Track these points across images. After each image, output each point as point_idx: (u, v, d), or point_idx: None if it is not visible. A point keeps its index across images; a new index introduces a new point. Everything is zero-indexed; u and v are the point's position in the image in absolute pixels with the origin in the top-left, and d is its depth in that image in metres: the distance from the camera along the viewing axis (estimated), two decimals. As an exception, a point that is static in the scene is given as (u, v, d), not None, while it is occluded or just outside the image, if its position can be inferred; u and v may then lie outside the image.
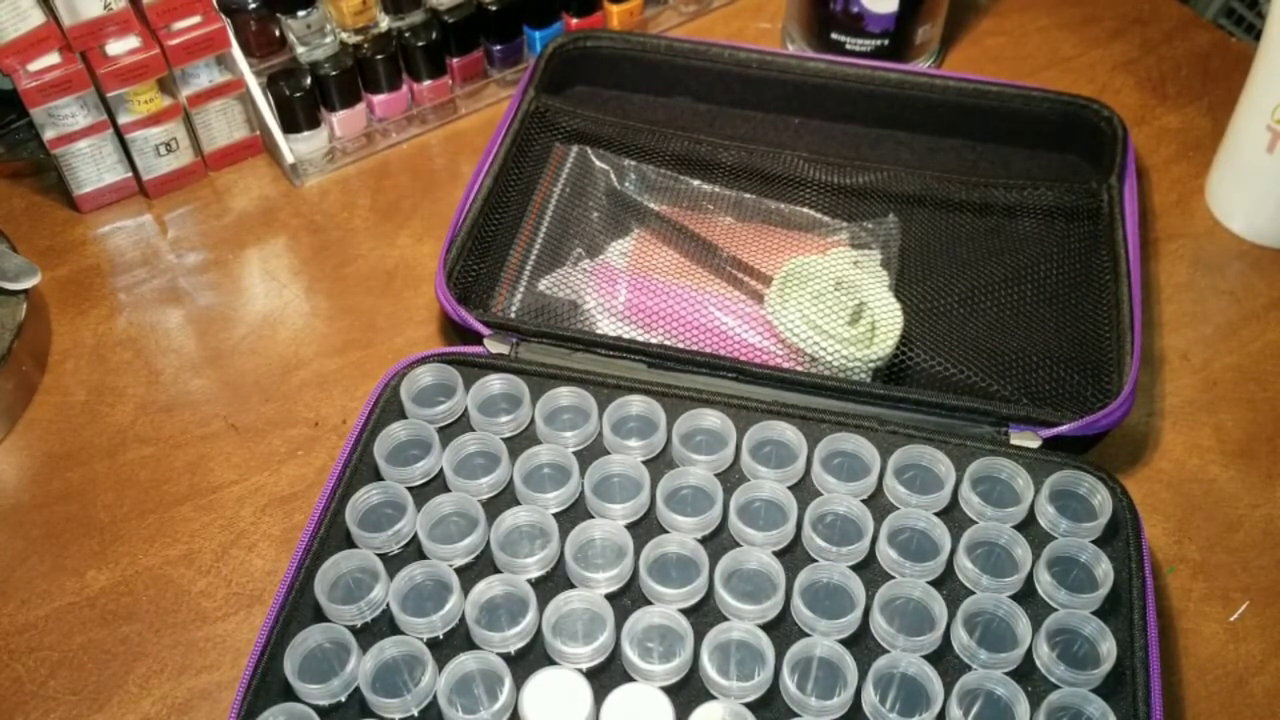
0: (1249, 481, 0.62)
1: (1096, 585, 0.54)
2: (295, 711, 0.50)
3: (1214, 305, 0.70)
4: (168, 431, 0.64)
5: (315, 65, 0.74)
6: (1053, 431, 0.59)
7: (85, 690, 0.55)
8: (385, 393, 0.61)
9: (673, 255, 0.67)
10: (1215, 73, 0.83)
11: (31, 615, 0.58)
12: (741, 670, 0.51)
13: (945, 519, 0.56)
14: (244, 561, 0.59)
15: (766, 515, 0.57)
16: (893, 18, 0.77)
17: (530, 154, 0.72)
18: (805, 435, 0.58)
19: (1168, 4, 0.88)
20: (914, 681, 0.51)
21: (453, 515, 0.57)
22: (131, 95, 0.71)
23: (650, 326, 0.63)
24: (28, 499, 0.62)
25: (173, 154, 0.75)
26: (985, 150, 0.74)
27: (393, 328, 0.69)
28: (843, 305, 0.62)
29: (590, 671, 0.51)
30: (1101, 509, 0.56)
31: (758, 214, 0.70)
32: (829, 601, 0.53)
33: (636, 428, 0.59)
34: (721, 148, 0.72)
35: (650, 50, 0.77)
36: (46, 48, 0.67)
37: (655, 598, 0.54)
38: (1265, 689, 0.55)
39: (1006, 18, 0.87)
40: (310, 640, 0.52)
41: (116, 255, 0.73)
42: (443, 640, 0.53)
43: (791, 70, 0.76)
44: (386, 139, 0.79)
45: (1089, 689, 0.51)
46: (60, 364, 0.68)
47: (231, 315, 0.70)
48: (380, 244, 0.73)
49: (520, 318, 0.64)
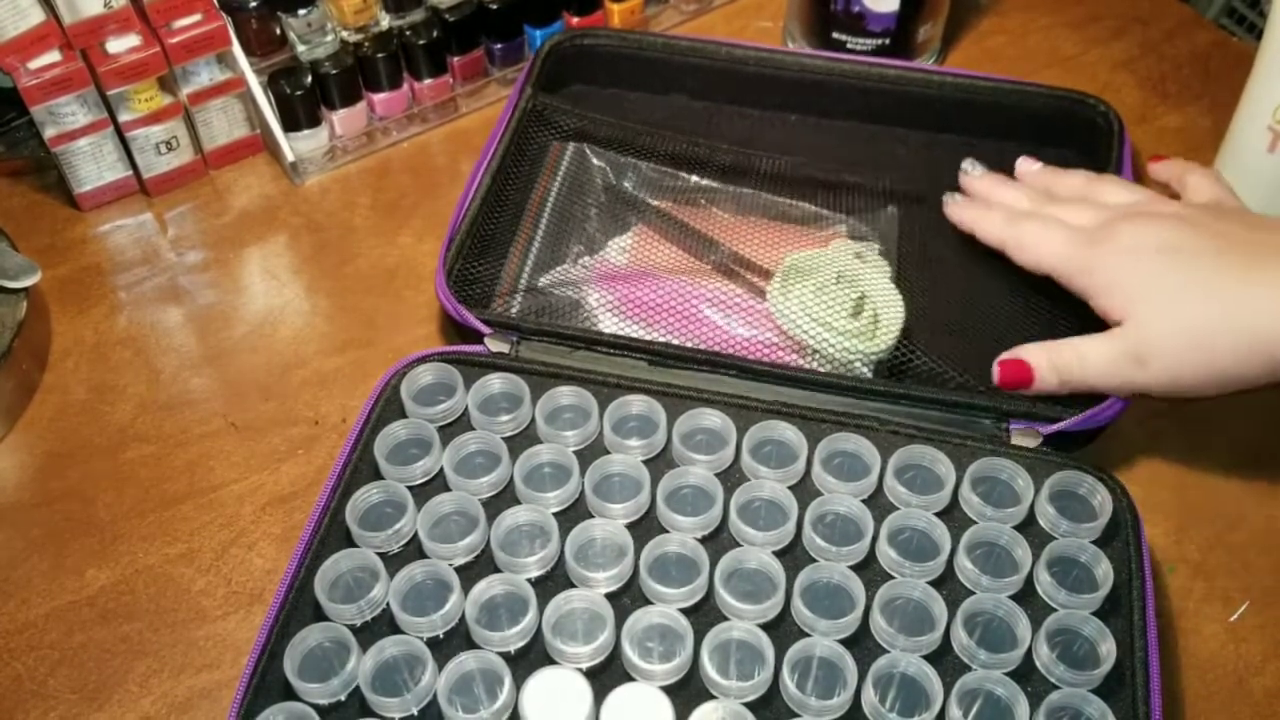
0: (1249, 482, 0.62)
1: (1096, 585, 0.54)
2: (295, 710, 0.50)
3: (1214, 305, 0.70)
4: (168, 430, 0.64)
5: (316, 64, 0.74)
6: (1054, 427, 0.59)
7: (85, 689, 0.55)
8: (385, 392, 0.61)
9: (672, 251, 0.67)
10: (1216, 72, 0.83)
11: (31, 614, 0.58)
12: (741, 670, 0.51)
13: (945, 519, 0.56)
14: (244, 560, 0.59)
15: (767, 515, 0.57)
16: (894, 17, 0.77)
17: (528, 152, 0.72)
18: (805, 435, 0.58)
19: (1169, 3, 0.88)
20: (914, 682, 0.51)
21: (453, 514, 0.57)
22: (132, 93, 0.71)
23: (651, 323, 0.63)
24: (28, 498, 0.62)
25: (173, 152, 0.75)
26: (982, 146, 0.74)
27: (393, 326, 0.69)
28: (845, 298, 0.62)
29: (590, 671, 0.52)
30: (1101, 509, 0.56)
31: (756, 208, 0.70)
32: (829, 601, 0.53)
33: (637, 427, 0.59)
34: (719, 151, 0.72)
35: (647, 48, 0.77)
36: (47, 45, 0.67)
37: (655, 597, 0.54)
38: (1265, 689, 0.55)
39: (1007, 17, 0.87)
40: (310, 639, 0.52)
41: (117, 254, 0.73)
42: (443, 639, 0.53)
43: (789, 67, 0.76)
44: (387, 138, 0.79)
45: (1089, 689, 0.51)
46: (60, 362, 0.68)
47: (232, 314, 0.70)
48: (381, 243, 0.73)
49: (520, 316, 0.64)
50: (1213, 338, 0.55)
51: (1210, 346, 0.55)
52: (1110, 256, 0.58)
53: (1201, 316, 0.55)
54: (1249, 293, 0.54)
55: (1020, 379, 0.58)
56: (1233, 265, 0.55)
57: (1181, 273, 0.56)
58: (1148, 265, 0.57)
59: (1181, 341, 0.55)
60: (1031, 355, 0.59)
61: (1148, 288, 0.57)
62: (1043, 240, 0.61)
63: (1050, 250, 0.61)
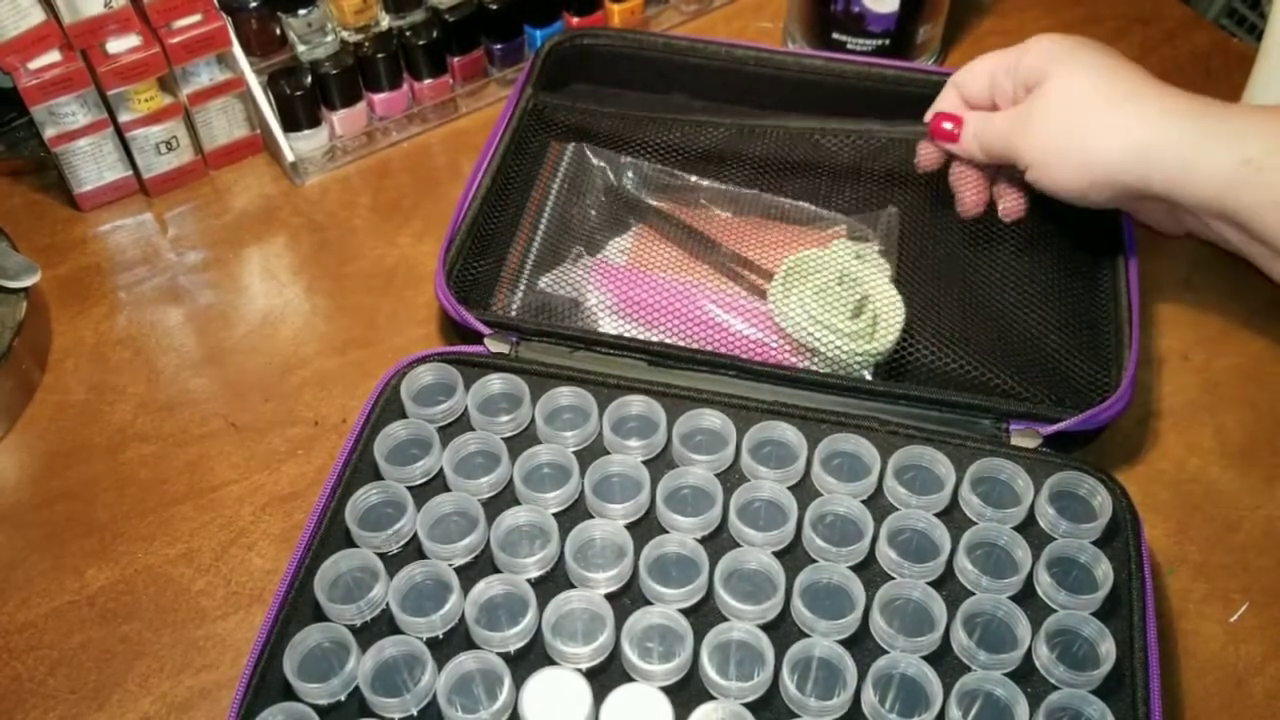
0: (1249, 482, 0.62)
1: (1096, 586, 0.54)
2: (295, 711, 0.50)
3: (1214, 305, 0.70)
4: (168, 430, 0.64)
5: (316, 64, 0.74)
6: (1054, 428, 0.59)
7: (85, 689, 0.55)
8: (385, 392, 0.61)
9: (673, 251, 0.67)
10: (1216, 73, 0.83)
11: (31, 614, 0.58)
12: (741, 670, 0.51)
13: (945, 519, 0.56)
14: (244, 560, 0.59)
15: (766, 515, 0.57)
16: (894, 18, 0.77)
17: (528, 152, 0.72)
18: (805, 435, 0.58)
19: (1169, 4, 0.88)
20: (913, 682, 0.51)
21: (453, 515, 0.57)
22: (132, 93, 0.71)
23: (651, 323, 0.63)
24: (28, 498, 0.62)
25: (173, 152, 0.75)
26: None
27: (393, 327, 0.69)
28: (845, 299, 0.62)
29: (590, 671, 0.52)
30: (1101, 510, 0.56)
31: (756, 208, 0.70)
32: (829, 602, 0.53)
33: (637, 427, 0.59)
34: (719, 126, 0.72)
35: (647, 47, 0.77)
36: (47, 45, 0.67)
37: (655, 598, 0.54)
38: (1265, 690, 0.55)
39: (1007, 18, 0.87)
40: (310, 639, 0.52)
41: (117, 254, 0.73)
42: (442, 640, 0.53)
43: (788, 67, 0.76)
44: (387, 138, 0.79)
45: (1088, 690, 0.51)
46: (60, 362, 0.68)
47: (232, 314, 0.70)
48: (381, 243, 0.73)
49: (520, 316, 0.64)
50: (1084, 138, 0.59)
51: (1081, 140, 0.59)
52: (1034, 44, 0.62)
53: (1080, 121, 0.59)
54: (1119, 111, 0.58)
55: (944, 135, 0.65)
56: (1116, 87, 0.59)
57: (1085, 67, 0.60)
58: (1069, 49, 0.61)
59: (1057, 128, 0.60)
60: (966, 116, 0.65)
61: (1062, 60, 0.60)
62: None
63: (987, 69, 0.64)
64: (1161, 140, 0.57)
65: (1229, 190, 0.55)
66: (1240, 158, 0.55)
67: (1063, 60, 0.60)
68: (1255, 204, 0.55)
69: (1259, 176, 0.55)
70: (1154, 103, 0.57)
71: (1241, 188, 0.55)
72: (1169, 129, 0.57)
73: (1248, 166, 0.55)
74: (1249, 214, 0.56)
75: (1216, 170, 0.55)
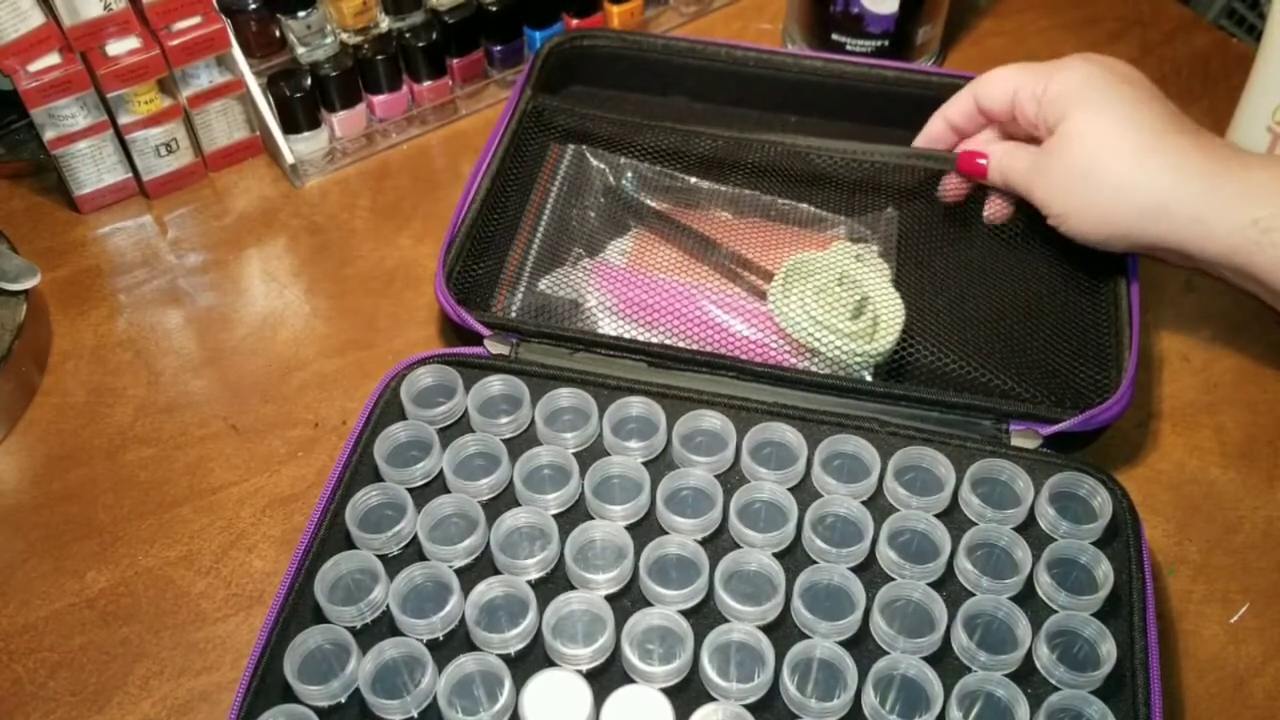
0: (1249, 483, 0.62)
1: (1097, 587, 0.54)
2: (295, 713, 0.50)
3: (1215, 306, 0.70)
4: (168, 432, 0.64)
5: (315, 66, 0.74)
6: (1054, 428, 0.59)
7: (85, 691, 0.55)
8: (385, 394, 0.61)
9: (672, 252, 0.67)
10: (1215, 74, 0.83)
11: (31, 616, 0.58)
12: (741, 672, 0.51)
13: (945, 520, 0.56)
14: (244, 563, 0.59)
15: (767, 517, 0.57)
16: (893, 19, 0.77)
17: (528, 154, 0.72)
18: (805, 437, 0.58)
19: (1168, 5, 0.88)
20: (914, 683, 0.51)
21: (453, 516, 0.57)
22: (132, 96, 0.71)
23: (651, 324, 0.63)
24: (28, 500, 0.62)
25: (173, 154, 0.75)
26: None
27: (393, 328, 0.69)
28: (846, 300, 0.62)
29: (590, 673, 0.51)
30: (1102, 510, 0.56)
31: (756, 210, 0.70)
32: (829, 603, 0.53)
33: (637, 429, 0.59)
34: (717, 138, 0.72)
35: (647, 49, 0.77)
36: (47, 48, 0.67)
37: (655, 599, 0.54)
38: (1265, 690, 0.55)
39: (1007, 19, 0.87)
40: (310, 641, 0.52)
41: (117, 256, 0.73)
42: (443, 641, 0.53)
43: (788, 68, 0.76)
44: (387, 140, 0.79)
45: (1089, 691, 0.51)
46: (60, 365, 0.68)
47: (231, 316, 0.70)
48: (380, 245, 0.73)
49: (520, 318, 0.64)
50: (1100, 195, 0.59)
51: (1098, 187, 0.59)
52: (1061, 72, 0.61)
53: (1099, 179, 0.59)
54: (1141, 167, 0.57)
55: (974, 170, 0.65)
56: (1139, 138, 0.58)
57: (1109, 110, 0.59)
58: (1095, 86, 0.60)
59: (1076, 183, 0.59)
60: (991, 149, 0.65)
61: (1086, 99, 0.59)
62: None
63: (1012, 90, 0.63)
64: (1178, 196, 0.56)
65: (1240, 249, 0.56)
66: (1249, 218, 0.55)
67: (1087, 103, 0.59)
68: (1267, 263, 0.55)
69: (1268, 237, 0.55)
70: (1173, 157, 0.57)
71: (1253, 247, 0.55)
72: (1185, 185, 0.56)
73: (1256, 227, 0.55)
74: (1262, 272, 0.56)
75: (1229, 231, 0.56)
